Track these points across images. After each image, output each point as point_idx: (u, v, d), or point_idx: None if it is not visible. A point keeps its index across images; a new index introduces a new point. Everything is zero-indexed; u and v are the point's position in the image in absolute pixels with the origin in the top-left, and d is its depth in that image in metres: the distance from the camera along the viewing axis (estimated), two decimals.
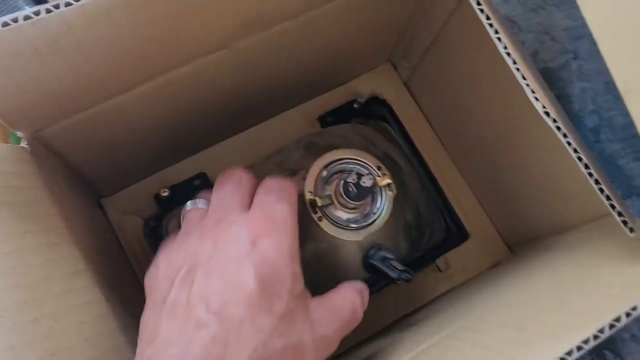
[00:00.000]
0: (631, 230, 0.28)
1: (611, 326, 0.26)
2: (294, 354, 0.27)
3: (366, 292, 0.34)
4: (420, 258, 0.50)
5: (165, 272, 0.29)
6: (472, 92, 0.45)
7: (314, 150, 0.40)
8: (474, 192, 0.52)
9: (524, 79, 0.27)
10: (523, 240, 0.50)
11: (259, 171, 0.41)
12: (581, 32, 0.48)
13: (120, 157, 0.43)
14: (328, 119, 0.52)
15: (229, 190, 0.32)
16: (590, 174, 0.27)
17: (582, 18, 0.47)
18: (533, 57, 0.48)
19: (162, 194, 0.48)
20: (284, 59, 0.42)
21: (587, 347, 0.26)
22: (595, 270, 0.35)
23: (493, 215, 0.51)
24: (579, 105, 0.47)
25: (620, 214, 0.27)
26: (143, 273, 0.47)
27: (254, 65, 0.39)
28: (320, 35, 0.42)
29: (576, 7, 0.45)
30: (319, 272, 0.39)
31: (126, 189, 0.49)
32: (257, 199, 0.31)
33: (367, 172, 0.38)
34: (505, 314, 0.33)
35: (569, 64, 0.47)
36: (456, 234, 0.52)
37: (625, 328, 0.47)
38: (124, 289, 0.38)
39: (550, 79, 0.48)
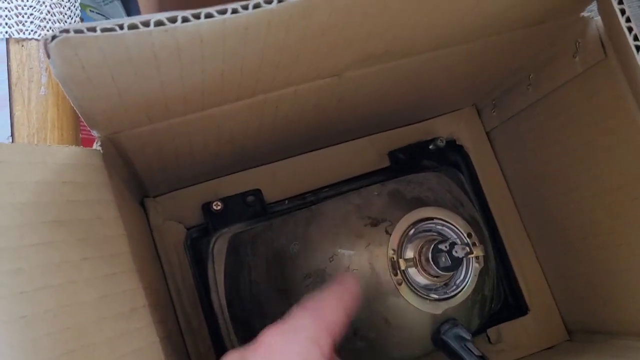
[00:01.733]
0: None
1: None
2: None
3: None
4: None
5: None
6: (566, 164, 0.41)
7: (401, 201, 0.36)
8: (542, 264, 0.48)
9: None
10: (585, 329, 0.46)
11: (334, 210, 0.37)
12: None
13: (181, 164, 0.38)
14: (399, 155, 0.48)
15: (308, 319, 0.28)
16: None
17: None
18: None
19: (214, 207, 0.43)
20: (382, 92, 0.38)
21: None
22: None
23: (558, 294, 0.47)
24: None
25: None
26: (175, 287, 0.43)
27: (349, 96, 0.35)
28: (423, 76, 0.38)
29: None
30: (384, 336, 0.35)
31: (173, 193, 0.45)
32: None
33: (458, 240, 0.34)
34: None
35: None
36: (514, 306, 0.48)
37: None
38: (168, 323, 0.34)
39: None
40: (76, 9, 0.36)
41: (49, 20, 0.39)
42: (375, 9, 0.24)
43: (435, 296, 0.34)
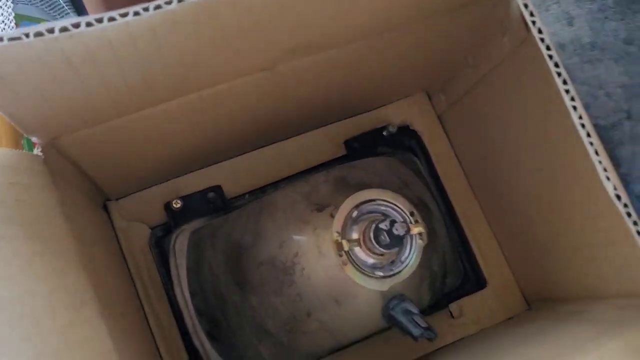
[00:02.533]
0: None
1: None
2: None
3: None
4: (434, 302, 0.48)
5: None
6: (511, 139, 0.43)
7: (345, 186, 0.38)
8: (498, 239, 0.50)
9: (572, 100, 0.25)
10: (543, 297, 0.47)
11: (283, 199, 0.39)
12: (637, 91, 0.45)
13: (134, 165, 0.40)
14: (354, 144, 0.50)
15: None
16: (629, 214, 0.25)
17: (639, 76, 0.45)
18: None
19: (174, 206, 0.45)
20: (323, 84, 0.39)
21: None
22: None
23: (515, 266, 0.49)
24: (627, 168, 0.45)
25: None
26: (144, 288, 0.45)
27: (289, 88, 0.37)
28: (364, 64, 0.40)
29: (636, 64, 0.43)
30: (336, 316, 0.36)
31: (135, 194, 0.46)
32: None
33: (400, 218, 0.36)
34: None
35: (621, 124, 0.45)
36: (473, 280, 0.49)
37: None
38: (126, 317, 0.35)
39: (598, 137, 0.46)
40: (10, 22, 0.38)
41: None
42: (280, 6, 0.25)
43: (381, 274, 0.36)
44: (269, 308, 0.37)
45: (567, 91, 0.31)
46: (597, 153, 0.31)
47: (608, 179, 0.32)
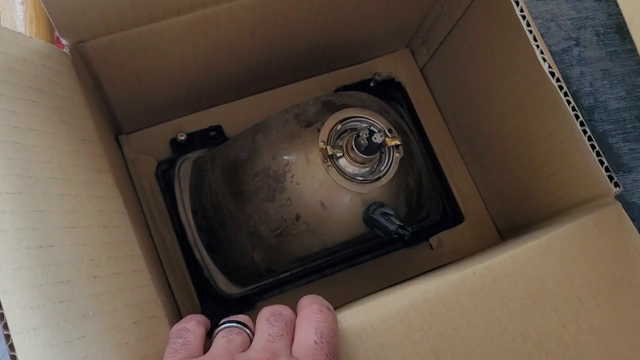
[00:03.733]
0: (616, 185, 0.30)
1: None
2: None
3: None
4: (416, 234, 0.52)
5: None
6: (483, 77, 0.47)
7: (331, 107, 0.42)
8: (474, 178, 0.54)
9: (535, 40, 0.29)
10: (515, 228, 0.52)
11: (276, 121, 0.43)
12: (585, 23, 0.52)
13: (146, 93, 0.45)
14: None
15: (279, 331, 0.30)
16: (585, 132, 0.29)
17: (586, 10, 0.50)
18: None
19: (179, 138, 0.50)
20: (312, 18, 0.44)
21: None
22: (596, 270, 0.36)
23: (489, 202, 0.54)
24: (577, 86, 0.51)
25: (607, 170, 0.29)
26: (149, 209, 0.49)
27: (282, 17, 0.42)
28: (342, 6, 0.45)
29: (582, 0, 0.48)
30: (321, 218, 0.41)
31: (144, 130, 0.51)
32: (308, 352, 0.29)
33: (379, 129, 0.40)
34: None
35: (571, 50, 0.51)
36: (452, 216, 0.54)
37: None
38: (134, 213, 0.40)
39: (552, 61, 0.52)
40: None
41: None
42: None
43: (362, 179, 0.40)
44: (262, 214, 0.42)
45: (530, 31, 0.36)
46: (552, 74, 0.36)
47: (569, 102, 0.37)
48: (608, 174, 0.30)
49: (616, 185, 0.31)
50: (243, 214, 0.43)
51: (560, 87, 0.36)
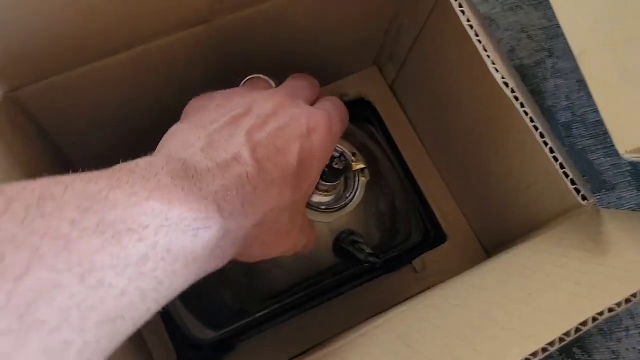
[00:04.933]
0: (583, 198, 0.28)
1: (577, 330, 0.26)
2: (285, 235, 0.29)
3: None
4: (398, 258, 0.50)
5: (221, 103, 0.30)
6: (451, 91, 0.46)
7: None
8: (454, 195, 0.52)
9: (485, 51, 0.28)
10: (499, 243, 0.49)
11: None
12: (557, 32, 0.49)
13: (95, 133, 0.43)
14: None
15: (304, 84, 0.34)
16: (546, 143, 0.27)
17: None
18: (509, 55, 0.49)
19: None
20: (267, 43, 0.42)
21: (552, 349, 0.26)
22: (563, 263, 0.34)
23: (471, 218, 0.51)
24: (552, 101, 0.48)
25: (573, 182, 0.27)
26: None
27: (234, 46, 0.40)
28: (303, 25, 0.43)
29: (552, 7, 0.46)
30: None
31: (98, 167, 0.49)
32: (325, 104, 0.33)
33: (339, 155, 0.39)
34: (471, 304, 0.33)
35: (544, 62, 0.48)
36: (434, 236, 0.52)
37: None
38: None
39: (525, 75, 0.49)
40: None
41: None
42: None
43: (327, 208, 0.38)
44: None
45: (479, 41, 0.34)
46: (506, 85, 0.34)
47: (526, 113, 0.34)
48: (574, 187, 0.28)
49: (584, 198, 0.29)
50: None
51: (516, 98, 0.34)
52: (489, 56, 0.34)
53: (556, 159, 0.34)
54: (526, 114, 0.34)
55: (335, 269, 0.40)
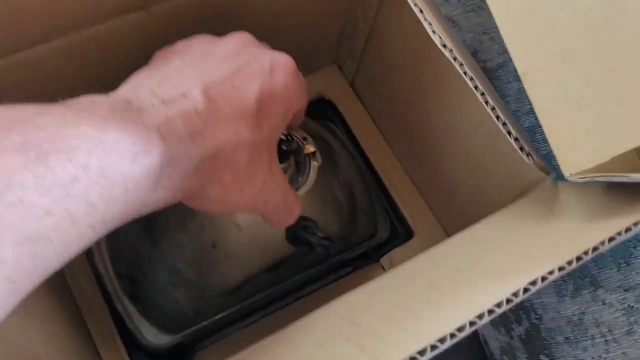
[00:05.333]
0: (528, 155, 0.27)
1: (526, 290, 0.25)
2: (247, 177, 0.28)
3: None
4: (364, 256, 0.48)
5: (179, 49, 0.29)
6: (410, 85, 0.45)
7: None
8: (419, 189, 0.51)
9: (444, 47, 0.27)
10: None
11: None
12: None
13: None
14: None
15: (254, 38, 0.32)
16: (493, 109, 0.26)
17: None
18: (472, 57, 0.49)
19: None
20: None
21: (499, 310, 0.25)
22: (515, 232, 0.33)
23: (438, 212, 0.50)
24: (516, 105, 0.47)
25: (528, 155, 0.26)
26: (69, 266, 0.45)
27: (176, 35, 0.39)
28: (251, 19, 0.42)
29: None
30: (239, 241, 0.37)
31: None
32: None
33: (287, 135, 0.37)
34: (418, 280, 0.32)
35: (507, 64, 0.48)
36: (401, 233, 0.50)
37: (560, 331, 0.44)
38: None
39: (488, 78, 0.48)
40: None
41: None
42: None
43: None
44: (176, 246, 0.38)
45: (433, 32, 0.34)
46: (455, 59, 0.33)
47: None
48: (519, 144, 0.27)
49: (546, 172, 0.28)
50: (158, 250, 0.39)
51: (465, 73, 0.33)
52: (434, 31, 0.34)
53: (510, 133, 0.33)
54: (476, 88, 0.33)
55: (290, 259, 0.38)
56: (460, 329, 0.23)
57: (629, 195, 0.30)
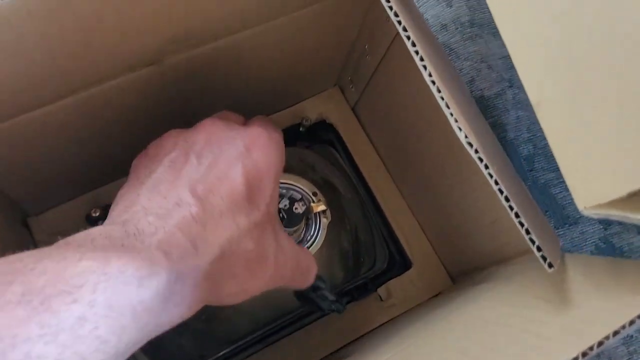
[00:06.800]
0: (550, 265, 0.27)
1: None
2: (259, 261, 0.28)
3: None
4: (362, 287, 0.49)
5: (155, 154, 0.29)
6: (412, 118, 0.45)
7: None
8: (419, 220, 0.51)
9: (448, 107, 0.26)
10: (464, 271, 0.49)
11: None
12: None
13: (44, 175, 0.41)
14: None
15: (228, 114, 0.33)
16: (511, 207, 0.26)
17: None
18: (469, 85, 0.48)
19: (93, 214, 0.45)
20: (221, 78, 0.41)
21: None
22: (523, 312, 0.34)
23: (436, 244, 0.51)
24: (514, 133, 0.47)
25: (539, 249, 0.26)
26: None
27: (187, 83, 0.38)
28: (260, 57, 0.41)
29: None
30: (251, 299, 0.37)
31: (55, 209, 0.47)
32: (254, 121, 0.32)
33: (300, 197, 0.37)
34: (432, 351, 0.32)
35: (505, 93, 0.48)
36: (399, 263, 0.51)
37: None
38: None
39: (485, 107, 0.48)
40: None
41: None
42: None
43: None
44: None
45: (424, 67, 0.33)
46: (456, 120, 0.32)
47: (470, 145, 0.33)
48: (529, 236, 0.27)
49: (550, 266, 0.28)
50: None
51: (459, 128, 0.32)
52: (442, 98, 0.33)
53: (511, 207, 0.33)
54: (480, 160, 0.33)
55: (297, 313, 0.39)
56: None
57: (636, 275, 0.31)
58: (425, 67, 0.28)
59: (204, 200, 0.25)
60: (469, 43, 0.48)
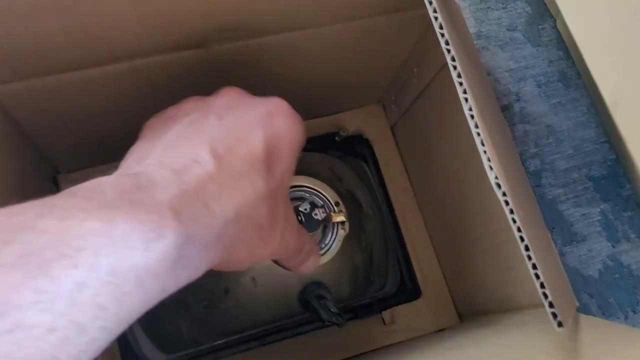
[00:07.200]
0: (559, 324, 0.26)
1: None
2: (270, 228, 0.27)
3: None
4: (367, 306, 0.48)
5: (174, 114, 0.29)
6: (448, 150, 0.44)
7: None
8: (436, 252, 0.51)
9: (483, 145, 0.26)
10: (473, 311, 0.48)
11: None
12: (524, 74, 0.48)
13: (79, 135, 0.41)
14: (307, 146, 0.51)
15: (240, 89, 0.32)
16: (529, 257, 0.26)
17: (525, 59, 0.46)
18: None
19: None
20: (264, 73, 0.41)
21: None
22: None
23: (450, 280, 0.50)
24: (521, 148, 0.47)
25: (551, 305, 0.26)
26: None
27: (229, 73, 0.38)
28: (307, 60, 0.41)
29: (520, 48, 0.44)
30: (252, 294, 0.37)
31: (85, 170, 0.48)
32: (274, 97, 0.31)
33: (322, 204, 0.37)
34: None
35: (512, 106, 0.47)
36: (409, 290, 0.50)
37: None
38: None
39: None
40: None
41: None
42: None
43: None
44: (190, 283, 0.38)
45: (465, 99, 0.32)
46: (489, 159, 0.31)
47: (507, 203, 0.32)
48: (543, 290, 0.27)
49: (559, 325, 0.27)
50: None
51: (490, 167, 0.31)
52: (478, 133, 0.32)
53: (529, 257, 0.32)
54: (507, 203, 0.32)
55: (297, 317, 0.39)
56: None
57: None
58: (466, 99, 0.27)
59: (222, 160, 0.25)
60: None
